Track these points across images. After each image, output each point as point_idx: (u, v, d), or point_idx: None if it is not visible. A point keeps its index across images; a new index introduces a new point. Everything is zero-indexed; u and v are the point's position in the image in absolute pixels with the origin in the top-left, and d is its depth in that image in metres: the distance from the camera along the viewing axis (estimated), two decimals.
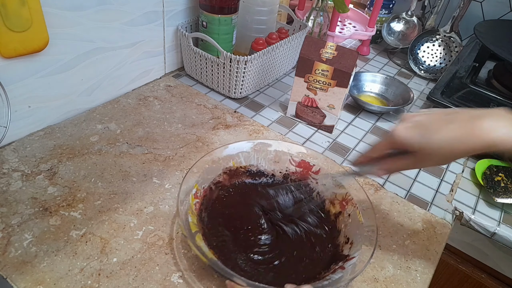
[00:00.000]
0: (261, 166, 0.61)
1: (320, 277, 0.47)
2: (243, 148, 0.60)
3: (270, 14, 0.86)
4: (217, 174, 0.58)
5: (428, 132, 0.42)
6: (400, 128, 0.44)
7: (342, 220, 0.55)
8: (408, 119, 0.44)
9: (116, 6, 0.67)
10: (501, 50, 0.74)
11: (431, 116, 0.43)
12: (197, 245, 0.45)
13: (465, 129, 0.40)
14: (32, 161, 0.60)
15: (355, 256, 0.48)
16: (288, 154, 0.61)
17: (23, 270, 0.46)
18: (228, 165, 0.59)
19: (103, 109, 0.73)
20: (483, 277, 0.74)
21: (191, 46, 0.79)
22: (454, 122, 0.41)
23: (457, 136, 0.40)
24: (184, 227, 0.48)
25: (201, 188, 0.55)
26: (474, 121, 0.40)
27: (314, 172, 0.60)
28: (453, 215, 0.63)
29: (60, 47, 0.62)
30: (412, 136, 0.42)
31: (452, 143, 0.40)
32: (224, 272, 0.43)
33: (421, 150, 0.42)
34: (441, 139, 0.41)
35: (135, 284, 0.46)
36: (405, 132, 0.43)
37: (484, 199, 0.66)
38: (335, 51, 0.69)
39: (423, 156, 0.43)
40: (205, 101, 0.80)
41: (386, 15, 1.12)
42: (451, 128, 0.41)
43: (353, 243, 0.51)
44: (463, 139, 0.40)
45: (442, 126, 0.41)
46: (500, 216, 0.64)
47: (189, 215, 0.49)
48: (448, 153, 0.41)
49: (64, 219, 0.52)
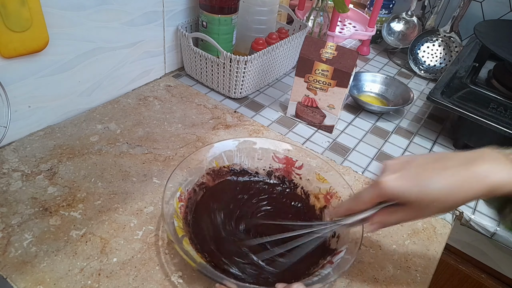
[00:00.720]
0: (244, 165, 0.61)
1: (310, 273, 0.47)
2: (228, 147, 0.60)
3: (270, 14, 0.86)
4: (200, 176, 0.57)
5: (422, 181, 0.38)
6: (388, 179, 0.39)
7: (327, 213, 0.55)
8: (392, 168, 0.40)
9: (116, 6, 0.67)
10: (501, 50, 0.74)
11: (418, 163, 0.40)
12: (185, 250, 0.45)
13: (462, 176, 0.38)
14: (32, 161, 0.60)
15: (342, 250, 0.48)
16: (272, 151, 0.61)
17: (23, 270, 0.46)
18: (212, 165, 0.59)
19: (103, 109, 0.73)
20: (483, 277, 0.74)
21: (191, 46, 0.79)
22: (448, 169, 0.38)
23: (455, 184, 0.38)
24: (170, 232, 0.47)
25: (185, 191, 0.54)
26: (469, 167, 0.38)
27: (297, 167, 0.60)
28: (453, 215, 0.63)
29: (60, 47, 0.62)
30: (406, 187, 0.39)
31: (451, 191, 0.38)
32: (214, 275, 0.43)
33: (418, 202, 0.39)
34: (439, 188, 0.38)
35: (135, 284, 0.46)
36: (396, 184, 0.39)
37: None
38: (335, 51, 0.69)
39: (421, 207, 0.39)
40: (205, 101, 0.80)
41: (386, 15, 1.12)
42: (447, 176, 0.38)
43: (339, 237, 0.51)
44: (463, 187, 0.37)
45: (435, 174, 0.38)
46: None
47: (174, 219, 0.49)
48: (449, 202, 0.38)
49: (64, 219, 0.52)
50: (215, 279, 0.42)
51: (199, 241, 0.50)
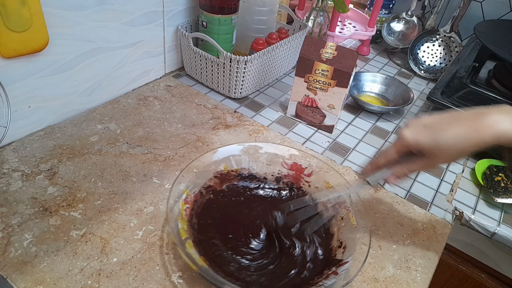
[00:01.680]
0: (252, 170, 0.61)
1: (313, 282, 0.47)
2: (232, 152, 0.60)
3: (270, 14, 0.86)
4: (208, 179, 0.57)
5: (436, 132, 0.44)
6: (408, 131, 0.46)
7: (335, 223, 0.54)
8: (414, 122, 0.46)
9: (116, 6, 0.67)
10: (501, 50, 0.74)
11: (437, 118, 0.45)
12: (187, 253, 0.44)
13: (471, 125, 0.42)
14: (32, 161, 0.60)
15: (348, 261, 0.47)
16: (280, 157, 0.61)
17: (23, 270, 0.46)
18: (219, 169, 0.58)
19: (103, 109, 0.73)
20: (483, 277, 0.74)
21: (191, 46, 0.79)
22: (460, 120, 0.43)
23: (464, 132, 0.42)
24: (174, 233, 0.47)
25: (192, 193, 0.54)
26: (479, 117, 0.42)
27: (307, 174, 0.60)
28: (453, 215, 0.63)
29: (60, 47, 0.62)
30: (422, 137, 0.45)
31: (460, 140, 0.42)
32: (215, 280, 0.42)
33: (431, 150, 0.44)
34: (449, 137, 0.43)
35: (135, 284, 0.46)
36: (414, 135, 0.45)
37: (484, 199, 0.66)
38: (335, 51, 0.69)
39: (434, 155, 0.45)
40: (205, 101, 0.80)
41: (386, 15, 1.12)
42: (457, 126, 0.43)
43: (346, 247, 0.50)
44: (470, 135, 0.42)
45: (448, 126, 0.43)
46: (500, 216, 0.64)
47: (179, 221, 0.48)
48: (457, 150, 0.43)
49: (64, 219, 0.52)
50: (216, 284, 0.42)
51: (203, 244, 0.50)
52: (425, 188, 0.67)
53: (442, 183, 0.69)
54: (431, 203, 0.64)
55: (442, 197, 0.66)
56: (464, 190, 0.68)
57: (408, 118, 0.85)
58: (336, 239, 0.52)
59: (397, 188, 0.66)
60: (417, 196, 0.66)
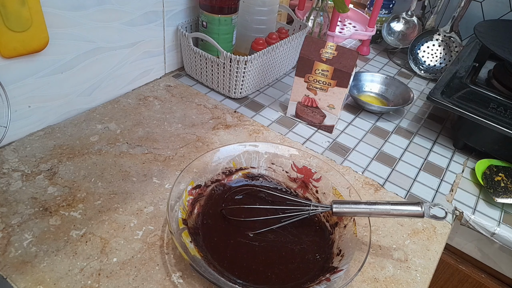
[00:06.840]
0: (261, 169, 0.61)
1: (305, 287, 0.47)
2: (233, 152, 0.60)
3: (270, 14, 0.86)
4: (215, 174, 0.58)
5: None
6: None
7: (337, 231, 0.54)
8: None
9: (116, 6, 0.67)
10: (501, 50, 0.74)
11: None
12: (181, 242, 0.45)
13: None
14: (32, 161, 0.60)
15: (343, 269, 0.47)
16: (284, 157, 0.61)
17: (23, 270, 0.46)
18: (229, 165, 0.59)
19: (103, 109, 0.73)
20: (483, 277, 0.74)
21: (191, 46, 0.79)
22: None
23: None
24: (172, 221, 0.47)
25: (197, 185, 0.55)
26: None
27: (315, 179, 0.60)
28: (453, 215, 0.63)
29: (60, 47, 0.62)
30: None
31: None
32: (205, 272, 0.42)
33: None
34: None
35: (135, 284, 0.46)
36: None
37: (484, 199, 0.66)
38: (335, 51, 0.69)
39: None
40: (205, 101, 0.80)
41: (386, 15, 1.12)
42: None
43: (344, 256, 0.50)
44: None
45: None
46: (500, 216, 0.64)
47: (179, 211, 0.49)
48: None
49: (64, 219, 0.52)
50: (206, 277, 0.42)
51: (201, 236, 0.50)
52: (425, 188, 0.67)
53: (442, 183, 0.69)
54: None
55: (442, 197, 0.66)
56: (464, 190, 0.68)
57: (408, 118, 0.85)
58: (336, 247, 0.52)
59: (397, 188, 0.66)
60: (417, 196, 0.66)
